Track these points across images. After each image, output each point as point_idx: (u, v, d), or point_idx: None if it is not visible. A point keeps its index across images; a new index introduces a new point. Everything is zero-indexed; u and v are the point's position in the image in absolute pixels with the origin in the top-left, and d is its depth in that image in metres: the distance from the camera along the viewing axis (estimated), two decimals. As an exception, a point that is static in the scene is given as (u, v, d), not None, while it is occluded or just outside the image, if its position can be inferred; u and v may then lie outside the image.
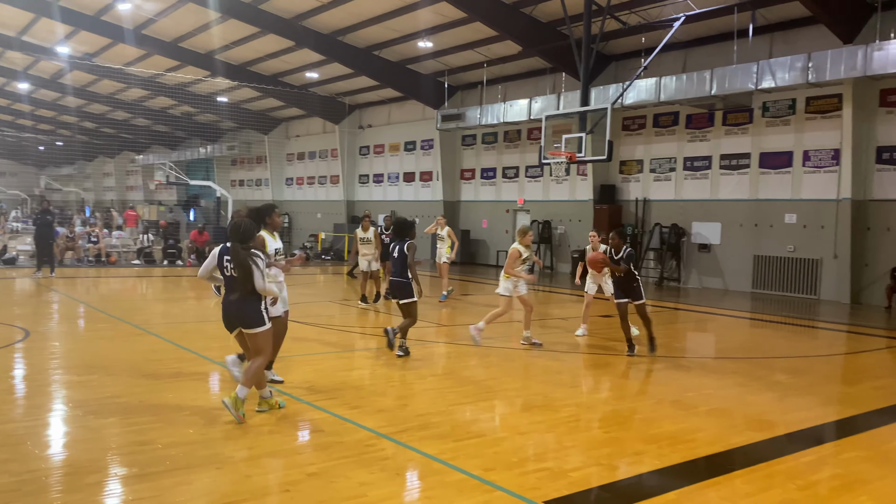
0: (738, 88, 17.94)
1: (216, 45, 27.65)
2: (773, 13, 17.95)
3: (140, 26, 26.93)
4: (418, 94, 28.04)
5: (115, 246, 23.20)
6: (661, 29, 18.49)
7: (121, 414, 6.10)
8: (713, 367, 9.34)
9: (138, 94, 37.87)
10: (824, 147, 18.13)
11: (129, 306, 13.47)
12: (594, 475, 5.09)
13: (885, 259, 16.92)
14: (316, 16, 23.46)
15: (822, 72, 16.47)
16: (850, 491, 4.92)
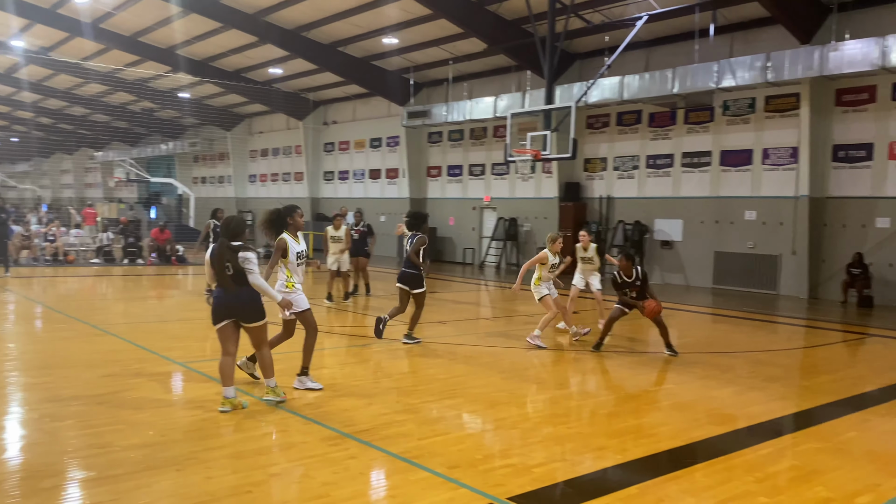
0: (699, 87, 18.22)
1: (177, 39, 27.18)
2: (733, 13, 18.26)
3: (98, 20, 26.37)
4: (384, 90, 27.93)
5: (74, 244, 22.70)
6: (624, 28, 18.69)
7: (78, 416, 5.96)
8: (675, 362, 9.47)
9: (97, 90, 37.06)
10: (783, 145, 18.51)
11: (88, 306, 13.20)
12: (558, 470, 5.12)
13: (841, 255, 17.35)
14: (279, 11, 23.22)
15: (780, 71, 16.82)
16: (807, 482, 5.03)
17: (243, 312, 6.29)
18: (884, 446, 5.99)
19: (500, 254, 25.24)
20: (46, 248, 21.06)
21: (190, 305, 13.71)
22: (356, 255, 15.17)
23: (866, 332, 12.95)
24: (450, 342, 10.19)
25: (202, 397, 6.72)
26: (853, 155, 17.32)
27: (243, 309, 6.28)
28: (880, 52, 15.27)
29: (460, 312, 13.97)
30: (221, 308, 6.27)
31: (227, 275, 6.19)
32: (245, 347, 6.88)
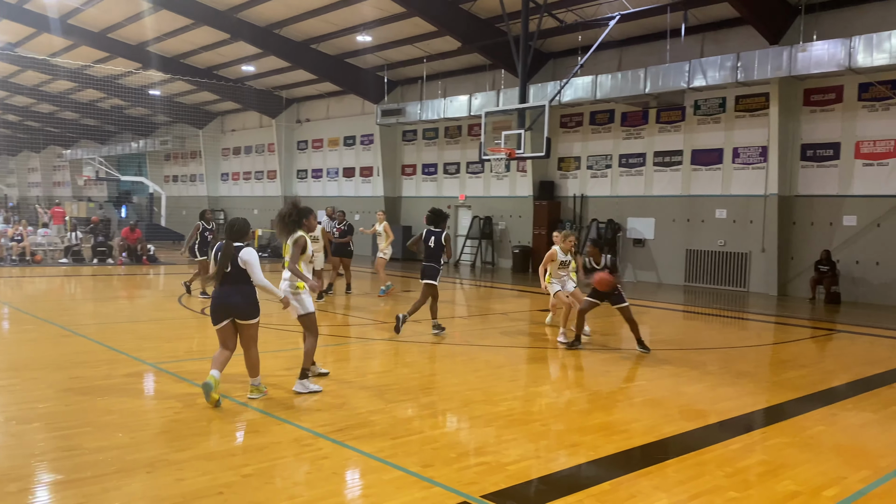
0: (670, 87, 18.43)
1: (148, 36, 26.84)
2: (703, 13, 18.48)
3: (66, 15, 25.93)
4: (357, 88, 27.81)
5: (41, 244, 22.30)
6: (597, 27, 18.83)
7: (46, 419, 5.86)
8: (647, 358, 9.56)
9: (65, 86, 36.40)
10: (753, 144, 18.77)
11: (56, 307, 12.97)
12: (532, 467, 5.14)
13: (809, 252, 17.64)
14: (251, 8, 23.03)
15: (750, 71, 17.06)
16: (776, 476, 5.10)
17: (238, 310, 6.51)
18: (850, 440, 6.11)
19: (476, 252, 25.29)
20: (13, 248, 20.67)
21: (161, 305, 13.55)
22: (339, 255, 15.35)
23: (834, 328, 13.19)
24: (424, 341, 10.18)
25: (173, 398, 6.64)
26: (821, 154, 17.62)
27: (239, 307, 6.50)
28: (847, 53, 15.56)
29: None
30: (221, 308, 6.51)
31: (226, 272, 6.43)
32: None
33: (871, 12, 16.46)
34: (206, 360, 8.36)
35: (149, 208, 40.70)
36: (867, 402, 7.45)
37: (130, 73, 31.46)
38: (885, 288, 16.58)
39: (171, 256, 25.20)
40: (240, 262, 6.42)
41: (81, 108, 40.00)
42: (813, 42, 16.28)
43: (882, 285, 16.63)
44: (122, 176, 41.14)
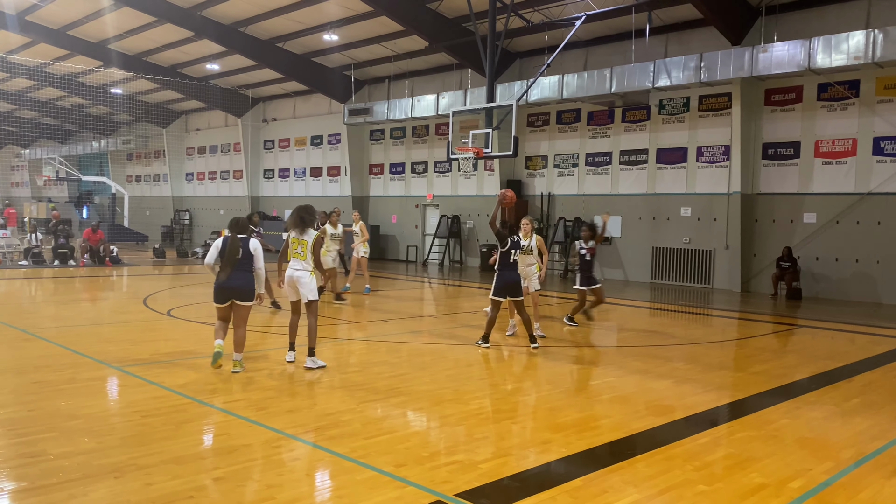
0: (636, 87, 18.66)
1: (109, 33, 26.35)
2: (667, 14, 18.73)
3: (24, 12, 25.33)
4: (324, 87, 27.64)
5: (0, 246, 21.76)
6: (564, 27, 18.98)
7: (7, 425, 5.72)
8: (615, 355, 9.67)
9: (23, 84, 35.59)
10: (716, 143, 19.09)
11: (16, 309, 12.66)
12: (504, 465, 5.17)
13: (771, 249, 18.00)
14: (216, 5, 22.75)
15: (713, 72, 17.35)
16: (743, 469, 5.20)
17: (239, 293, 7.75)
18: (814, 432, 6.24)
19: (444, 251, 25.31)
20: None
21: (125, 307, 13.31)
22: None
23: (795, 323, 13.47)
24: (394, 340, 10.17)
25: (139, 401, 6.54)
26: (781, 153, 17.99)
27: (240, 290, 7.75)
28: (806, 54, 15.91)
29: (404, 310, 13.95)
30: (225, 290, 7.76)
31: (237, 259, 7.69)
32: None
33: (830, 14, 16.85)
34: (173, 362, 8.26)
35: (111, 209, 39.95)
36: (829, 395, 7.62)
37: (91, 72, 30.86)
38: (844, 283, 16.99)
39: (135, 257, 24.77)
40: (250, 250, 7.80)
41: (40, 107, 39.10)
42: (773, 43, 16.62)
43: (841, 281, 17.05)
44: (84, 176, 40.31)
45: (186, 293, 15.05)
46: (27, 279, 17.87)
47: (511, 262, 9.58)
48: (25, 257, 21.27)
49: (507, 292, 9.56)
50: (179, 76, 30.28)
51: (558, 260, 22.36)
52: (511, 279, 9.56)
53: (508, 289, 9.55)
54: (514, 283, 9.57)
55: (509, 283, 9.55)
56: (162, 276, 20.03)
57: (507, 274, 9.56)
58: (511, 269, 9.59)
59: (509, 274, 9.57)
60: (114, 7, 23.52)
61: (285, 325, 11.22)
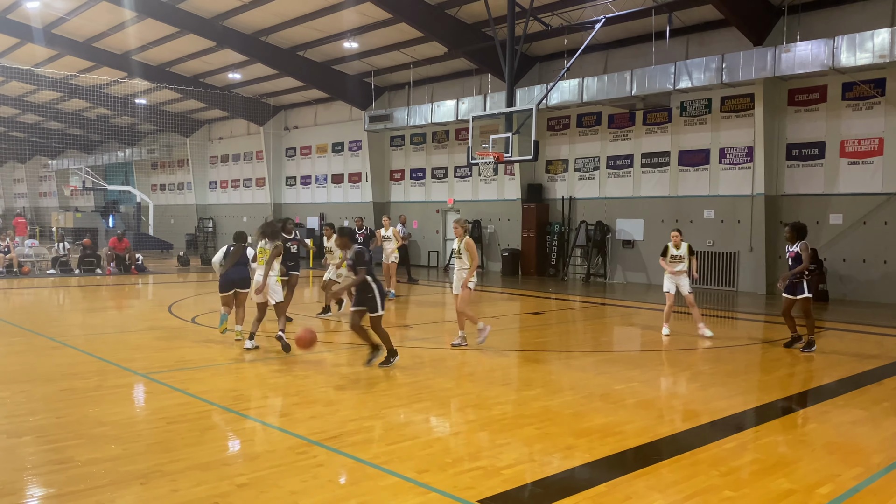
0: (656, 89, 18.53)
1: (133, 45, 26.72)
2: (688, 16, 18.60)
3: (50, 25, 25.78)
4: (345, 94, 27.81)
5: (29, 255, 22.12)
6: (583, 31, 18.92)
7: (37, 431, 5.81)
8: (638, 359, 9.60)
9: (50, 97, 36.22)
10: (739, 145, 18.90)
11: (45, 318, 12.86)
12: (527, 471, 5.15)
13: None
14: (237, 15, 22.98)
15: (734, 72, 17.18)
16: (770, 474, 5.13)
17: (240, 284, 10.16)
18: (842, 437, 6.14)
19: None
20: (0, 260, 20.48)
21: (150, 315, 13.46)
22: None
23: (822, 325, 13.27)
24: (415, 346, 10.18)
25: (165, 408, 6.61)
26: (806, 153, 17.76)
27: (241, 282, 10.16)
28: (830, 53, 15.70)
29: (425, 315, 13.96)
30: (229, 283, 10.16)
31: (237, 261, 10.22)
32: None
33: (854, 12, 16.63)
34: (197, 369, 8.34)
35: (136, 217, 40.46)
36: (858, 398, 7.50)
37: (116, 83, 31.31)
38: (871, 285, 16.71)
39: (160, 265, 25.05)
40: (247, 255, 10.21)
41: (67, 118, 39.79)
42: (796, 43, 16.42)
43: (869, 282, 16.77)
44: (109, 185, 40.91)
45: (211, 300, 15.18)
46: (55, 287, 18.15)
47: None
48: (53, 266, 21.60)
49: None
50: (202, 86, 30.62)
51: (580, 264, 22.25)
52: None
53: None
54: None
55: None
56: (186, 283, 20.24)
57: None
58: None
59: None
60: (137, 19, 23.86)
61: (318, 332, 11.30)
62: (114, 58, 28.15)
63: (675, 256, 11.53)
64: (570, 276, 22.33)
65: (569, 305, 16.09)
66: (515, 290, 18.93)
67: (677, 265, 11.44)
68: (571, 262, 22.38)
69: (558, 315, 14.57)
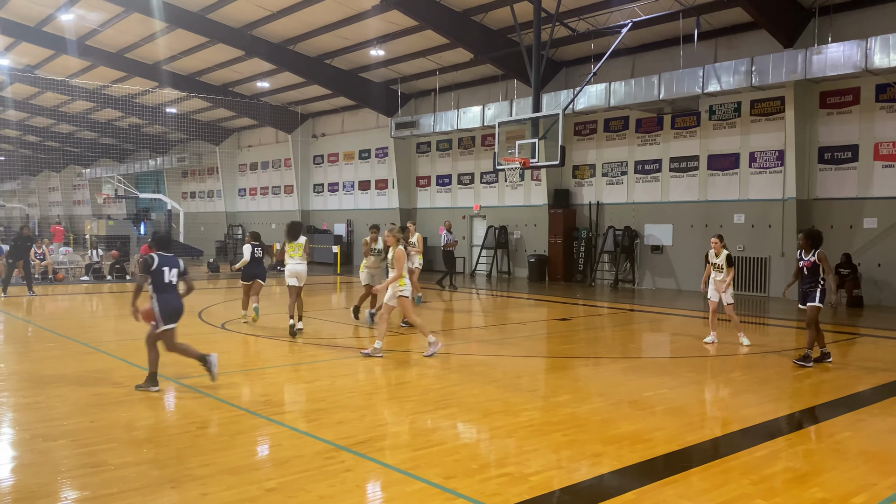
0: (685, 92, 18.36)
1: (163, 55, 27.18)
2: (716, 19, 18.43)
3: (83, 37, 26.33)
4: (371, 102, 27.99)
5: (63, 262, 22.56)
6: (610, 35, 18.82)
7: (71, 435, 5.92)
8: (668, 366, 9.49)
9: (83, 107, 36.97)
10: (769, 148, 18.65)
11: (79, 324, 13.11)
12: (555, 478, 5.12)
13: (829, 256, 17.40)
14: (265, 25, 23.26)
15: (764, 75, 16.97)
16: (803, 483, 5.04)
17: (263, 276, 12.84)
18: (878, 446, 6.02)
19: (491, 262, 25.27)
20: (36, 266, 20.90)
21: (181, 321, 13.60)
22: None
23: (857, 332, 13.02)
24: (442, 351, 10.18)
25: (195, 413, 6.69)
26: (839, 156, 17.47)
27: (263, 275, 12.84)
28: (862, 54, 15.43)
29: (452, 321, 13.96)
30: (251, 276, 12.76)
31: (255, 258, 12.89)
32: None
33: (887, 13, 16.33)
34: (227, 374, 8.43)
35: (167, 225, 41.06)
36: (894, 407, 7.34)
37: (147, 92, 31.85)
38: (908, 290, 16.36)
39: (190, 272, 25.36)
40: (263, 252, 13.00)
41: (100, 128, 40.59)
42: (828, 44, 16.17)
43: (905, 288, 16.42)
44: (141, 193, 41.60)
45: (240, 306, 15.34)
46: (88, 294, 18.47)
47: (166, 282, 8.06)
48: (87, 273, 22.00)
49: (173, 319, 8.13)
50: (231, 95, 31.03)
51: (608, 270, 22.10)
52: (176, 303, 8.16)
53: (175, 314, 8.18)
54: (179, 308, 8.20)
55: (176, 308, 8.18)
56: (216, 289, 20.47)
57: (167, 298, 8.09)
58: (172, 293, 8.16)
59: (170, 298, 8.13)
60: (168, 29, 24.27)
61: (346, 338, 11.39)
62: (145, 68, 28.65)
63: (715, 265, 11.09)
64: (597, 282, 22.19)
65: (597, 311, 15.98)
66: (542, 296, 18.85)
67: (719, 274, 11.03)
68: (599, 268, 22.23)
69: (586, 321, 14.49)
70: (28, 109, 37.87)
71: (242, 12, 22.59)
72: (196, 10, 22.81)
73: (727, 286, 11.00)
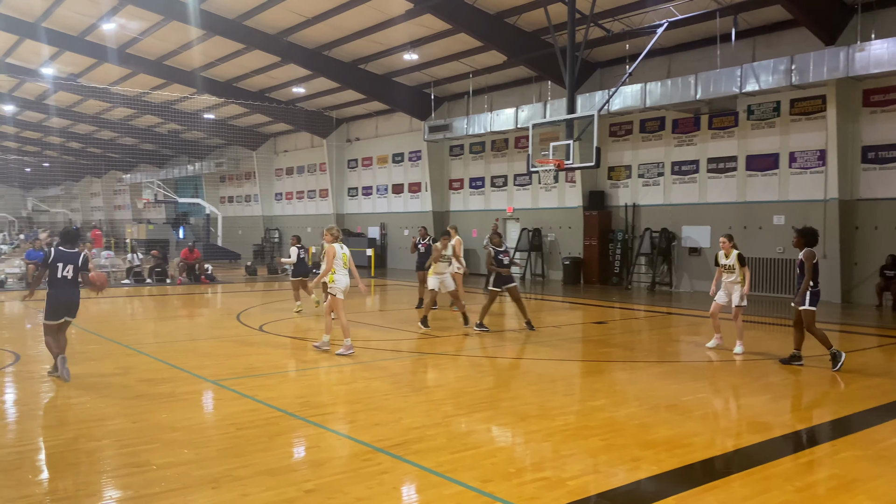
0: (722, 92, 18.08)
1: (201, 62, 27.65)
2: (754, 17, 18.13)
3: (124, 45, 26.91)
4: (405, 106, 28.11)
5: (105, 266, 23.06)
6: (645, 35, 18.63)
7: (114, 436, 6.04)
8: (706, 370, 9.35)
9: (124, 113, 37.78)
10: (810, 148, 18.28)
11: (121, 326, 13.39)
12: (592, 483, 5.08)
13: (874, 258, 17.03)
14: (301, 31, 23.52)
15: (805, 74, 16.63)
16: (848, 491, 4.92)
17: (308, 276, 14.67)
18: (926, 453, 5.85)
19: (525, 264, 25.17)
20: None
21: (220, 323, 13.85)
22: (424, 269, 15.79)
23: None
24: (477, 354, 10.17)
25: (234, 414, 6.78)
26: (883, 156, 17.04)
27: (307, 271, 14.88)
28: (908, 51, 15.03)
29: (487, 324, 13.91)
30: (298, 273, 14.65)
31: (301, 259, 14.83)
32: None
33: (933, 8, 15.91)
34: (266, 376, 8.53)
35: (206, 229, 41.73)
36: (943, 412, 7.13)
37: (186, 98, 32.43)
38: (956, 293, 15.87)
39: (228, 275, 25.75)
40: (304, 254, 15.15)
41: (140, 134, 41.43)
42: (871, 41, 15.79)
43: (954, 290, 15.93)
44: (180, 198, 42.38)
45: (277, 308, 15.53)
46: (129, 297, 18.86)
47: (59, 277, 8.22)
48: (127, 276, 22.46)
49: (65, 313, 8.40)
50: (267, 100, 31.43)
51: (645, 272, 21.87)
52: (68, 298, 8.37)
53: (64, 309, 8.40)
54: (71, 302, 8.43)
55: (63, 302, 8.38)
56: (254, 292, 20.74)
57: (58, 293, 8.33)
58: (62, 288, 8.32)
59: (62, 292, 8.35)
60: (205, 37, 24.69)
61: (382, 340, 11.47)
62: (183, 75, 29.17)
63: (726, 266, 10.71)
64: (634, 285, 21.96)
65: (633, 315, 15.82)
66: (577, 299, 18.72)
67: (730, 276, 10.65)
68: (636, 271, 22.00)
69: (622, 325, 14.34)
70: (71, 117, 38.83)
71: (278, 19, 22.87)
72: (233, 18, 23.16)
73: (744, 287, 10.58)
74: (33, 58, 29.46)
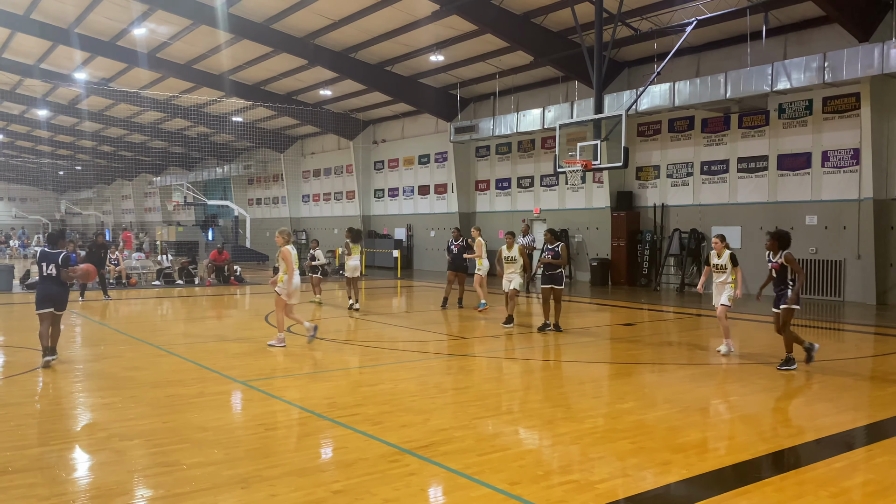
0: (752, 91, 17.82)
1: (229, 65, 27.94)
2: (785, 14, 17.85)
3: (154, 50, 27.30)
4: (431, 107, 28.14)
5: (136, 268, 23.40)
6: (674, 34, 18.44)
7: (145, 435, 6.12)
8: (738, 373, 9.22)
9: (154, 117, 38.34)
10: (843, 147, 17.94)
11: (151, 327, 13.56)
12: (621, 486, 5.02)
13: (909, 258, 16.65)
14: (328, 33, 23.65)
15: (838, 71, 16.32)
16: (886, 497, 4.81)
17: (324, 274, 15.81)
18: (967, 458, 5.70)
19: (553, 266, 25.02)
20: (110, 272, 21.73)
21: (248, 324, 13.97)
22: (455, 270, 16.38)
23: (941, 338, 12.39)
24: (504, 356, 10.13)
25: (262, 414, 6.82)
26: (919, 154, 16.66)
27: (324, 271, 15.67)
28: (944, 46, 14.69)
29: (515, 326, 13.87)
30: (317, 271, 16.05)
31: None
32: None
33: (971, 2, 15.53)
34: (293, 377, 8.58)
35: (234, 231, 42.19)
36: (984, 417, 6.94)
37: (214, 102, 32.81)
38: None
39: (256, 276, 25.99)
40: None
41: (169, 137, 42.02)
42: (906, 37, 15.47)
43: None
44: (209, 200, 42.89)
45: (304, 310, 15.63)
46: (159, 298, 19.11)
47: (44, 274, 9.10)
48: (158, 278, 22.76)
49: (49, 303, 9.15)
50: (294, 103, 31.67)
51: (674, 273, 21.63)
52: (50, 291, 9.13)
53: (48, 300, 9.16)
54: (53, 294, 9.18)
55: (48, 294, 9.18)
56: (281, 294, 20.87)
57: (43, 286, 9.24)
58: (45, 283, 9.17)
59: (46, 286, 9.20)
60: (233, 40, 24.94)
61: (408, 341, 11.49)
62: (212, 78, 29.51)
63: (717, 266, 10.40)
64: (663, 286, 21.74)
65: (662, 316, 15.65)
66: (605, 301, 18.58)
67: (720, 276, 10.35)
68: (664, 272, 21.78)
69: (651, 326, 14.20)
70: (102, 121, 39.48)
71: (305, 22, 23.03)
72: (260, 21, 23.38)
73: (737, 290, 10.32)
74: (66, 63, 30.02)
